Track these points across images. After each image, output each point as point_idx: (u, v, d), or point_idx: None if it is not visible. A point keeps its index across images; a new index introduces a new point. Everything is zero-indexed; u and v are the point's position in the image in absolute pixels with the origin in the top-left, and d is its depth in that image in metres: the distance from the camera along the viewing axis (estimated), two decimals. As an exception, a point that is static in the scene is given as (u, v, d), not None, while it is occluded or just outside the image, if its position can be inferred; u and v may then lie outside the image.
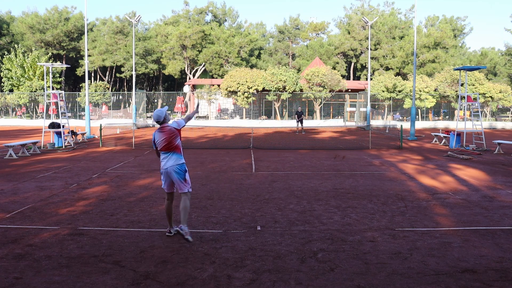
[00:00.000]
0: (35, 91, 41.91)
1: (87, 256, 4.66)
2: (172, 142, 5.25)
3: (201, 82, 43.42)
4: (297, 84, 35.49)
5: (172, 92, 55.01)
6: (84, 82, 30.69)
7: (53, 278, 4.09)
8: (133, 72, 34.12)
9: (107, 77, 58.85)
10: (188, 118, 5.64)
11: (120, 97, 47.48)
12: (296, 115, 26.81)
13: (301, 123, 26.23)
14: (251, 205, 7.04)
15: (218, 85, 37.63)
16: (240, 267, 4.37)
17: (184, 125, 5.45)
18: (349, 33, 56.23)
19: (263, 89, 35.81)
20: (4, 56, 45.08)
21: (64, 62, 54.28)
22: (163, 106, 44.08)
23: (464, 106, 17.27)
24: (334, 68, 50.46)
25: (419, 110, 38.26)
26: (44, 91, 34.49)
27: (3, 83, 45.93)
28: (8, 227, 5.76)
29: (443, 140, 18.66)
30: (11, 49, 46.63)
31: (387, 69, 54.02)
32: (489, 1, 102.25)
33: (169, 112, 49.12)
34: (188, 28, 50.84)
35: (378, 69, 54.09)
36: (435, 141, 19.55)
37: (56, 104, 18.45)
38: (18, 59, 43.69)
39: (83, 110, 39.62)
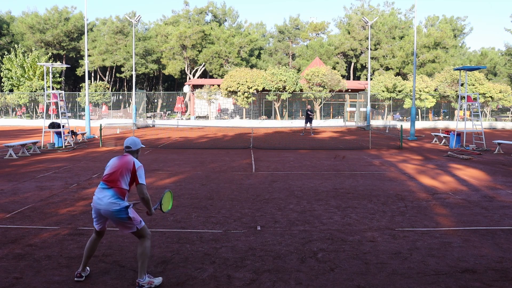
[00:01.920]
0: (35, 91, 41.91)
1: (87, 256, 4.65)
2: (115, 176, 4.00)
3: (201, 82, 43.43)
4: (297, 84, 35.49)
5: (172, 92, 55.03)
6: (84, 82, 30.68)
7: (53, 278, 4.09)
8: (133, 72, 34.12)
9: (107, 77, 58.86)
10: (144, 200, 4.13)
11: (120, 97, 47.48)
12: (307, 112, 24.87)
13: (310, 122, 24.89)
14: (251, 205, 7.04)
15: (218, 85, 37.63)
16: (240, 267, 4.37)
17: (144, 179, 4.15)
18: (349, 33, 56.24)
19: (263, 89, 35.81)
20: (4, 56, 45.07)
21: (64, 62, 54.29)
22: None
23: (464, 106, 17.27)
24: (334, 68, 50.46)
25: (419, 110, 38.25)
26: (44, 91, 34.49)
27: (3, 83, 45.93)
28: (8, 227, 5.76)
29: (443, 140, 18.65)
30: (11, 49, 46.62)
31: (387, 69, 54.02)
32: (489, 1, 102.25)
33: (169, 112, 49.17)
34: (188, 28, 50.84)
35: (378, 69, 54.09)
36: (435, 141, 19.55)
37: (56, 104, 18.45)
38: (18, 59, 43.69)
39: (83, 110, 39.62)
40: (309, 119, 24.97)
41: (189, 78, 52.74)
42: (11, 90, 45.71)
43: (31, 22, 52.62)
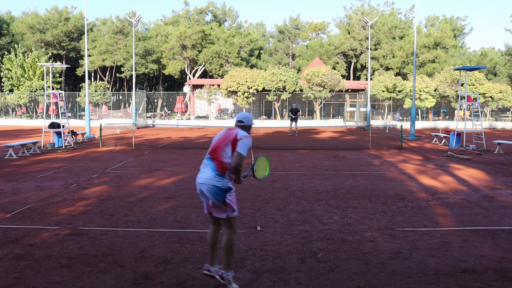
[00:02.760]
0: (35, 91, 41.91)
1: (87, 256, 4.66)
2: (218, 149, 3.82)
3: (201, 82, 43.42)
4: (297, 84, 35.49)
5: (172, 92, 55.03)
6: (84, 82, 30.68)
7: (53, 278, 4.09)
8: (133, 72, 34.12)
9: (107, 77, 58.86)
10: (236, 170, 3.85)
11: (120, 97, 47.48)
12: (290, 112, 23.97)
13: (296, 121, 23.82)
14: (251, 205, 7.04)
15: (218, 85, 37.63)
16: (240, 267, 4.37)
17: (244, 150, 3.81)
18: (349, 33, 56.24)
19: (263, 89, 35.81)
20: (4, 56, 45.08)
21: (64, 62, 54.29)
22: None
23: (464, 106, 17.27)
24: (334, 68, 50.46)
25: (419, 110, 38.25)
26: (44, 91, 34.49)
27: (3, 83, 45.94)
28: (8, 227, 5.76)
29: (443, 140, 18.65)
30: (11, 49, 46.63)
31: (387, 69, 54.02)
32: (489, 1, 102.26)
33: (169, 112, 49.18)
34: (188, 28, 50.85)
35: (378, 69, 54.10)
36: (435, 141, 19.54)
37: (56, 104, 18.45)
38: (18, 59, 43.70)
39: (83, 110, 39.62)
40: (293, 119, 23.79)
41: (189, 78, 52.74)
42: (11, 90, 45.71)
43: (31, 22, 52.63)
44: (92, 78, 56.96)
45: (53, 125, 16.85)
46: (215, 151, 3.80)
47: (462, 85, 29.39)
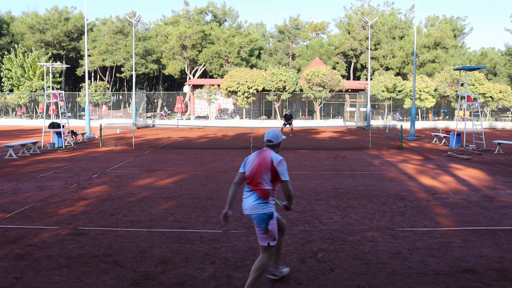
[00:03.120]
0: (35, 91, 41.91)
1: (87, 256, 4.66)
2: (256, 177, 3.75)
3: (201, 82, 43.43)
4: (297, 84, 35.49)
5: (172, 92, 55.02)
6: (84, 82, 30.69)
7: (53, 278, 4.09)
8: (133, 72, 34.12)
9: (107, 77, 58.87)
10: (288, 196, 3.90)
11: (120, 97, 47.49)
12: (284, 118, 24.13)
13: (290, 125, 23.82)
14: (251, 205, 7.03)
15: (218, 85, 37.63)
16: (240, 267, 4.37)
17: (287, 174, 3.81)
18: (349, 33, 56.24)
19: (263, 89, 35.81)
20: (4, 56, 45.08)
21: (64, 62, 54.30)
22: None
23: (464, 106, 17.27)
24: (334, 68, 50.48)
25: (419, 110, 38.26)
26: (44, 91, 34.49)
27: (3, 83, 45.94)
28: (8, 227, 5.76)
29: (443, 140, 18.65)
30: (11, 49, 46.64)
31: (387, 69, 54.03)
32: (489, 1, 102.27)
33: (169, 112, 49.18)
34: (188, 28, 50.85)
35: (378, 69, 54.10)
36: (435, 141, 19.55)
37: (56, 104, 18.45)
38: (18, 59, 43.70)
39: (83, 110, 39.63)
40: (289, 122, 23.73)
41: (189, 78, 52.74)
42: (11, 90, 45.72)
43: (31, 22, 52.63)
44: (92, 78, 56.96)
45: (53, 125, 16.85)
46: (254, 181, 3.75)
47: (462, 85, 29.39)
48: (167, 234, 5.46)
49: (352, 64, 59.30)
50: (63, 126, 16.63)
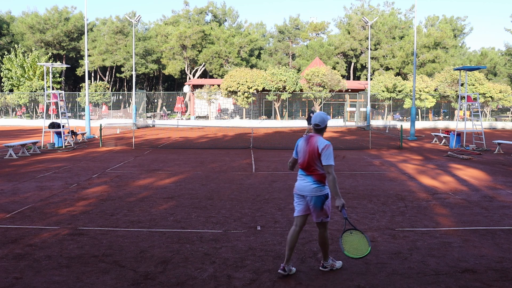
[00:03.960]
0: (35, 91, 41.91)
1: (87, 256, 4.66)
2: (309, 163, 4.14)
3: (201, 82, 43.43)
4: (297, 84, 35.49)
5: (172, 92, 55.04)
6: (84, 82, 30.69)
7: (53, 278, 4.09)
8: (133, 72, 34.12)
9: (107, 77, 58.87)
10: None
11: (120, 97, 47.49)
12: (307, 119, 23.62)
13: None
14: (251, 205, 7.04)
15: (218, 85, 37.63)
16: (240, 267, 4.37)
17: (331, 159, 4.04)
18: (349, 33, 56.24)
19: (263, 89, 35.81)
20: (4, 56, 45.08)
21: (64, 62, 54.29)
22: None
23: (464, 106, 17.27)
24: (334, 68, 50.46)
25: (419, 110, 38.25)
26: (44, 91, 34.49)
27: (3, 83, 45.93)
28: (8, 227, 5.76)
29: (443, 140, 18.65)
30: (11, 49, 46.63)
31: (387, 69, 54.02)
32: (489, 1, 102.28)
33: (169, 112, 49.18)
34: (188, 28, 50.86)
35: (378, 69, 54.10)
36: (435, 141, 19.55)
37: (56, 104, 18.45)
38: (18, 59, 43.70)
39: (83, 110, 39.63)
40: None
41: (189, 78, 52.74)
42: (11, 90, 45.72)
43: (31, 22, 52.62)
44: (92, 78, 56.96)
45: (53, 125, 16.85)
46: (309, 167, 4.15)
47: (462, 85, 29.39)
48: (167, 234, 5.46)
49: (352, 64, 59.30)
50: (63, 126, 16.63)
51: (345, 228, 4.14)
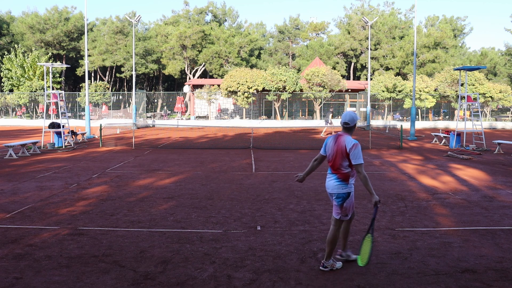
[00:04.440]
0: (35, 91, 41.91)
1: (87, 256, 4.66)
2: (335, 162, 4.26)
3: (201, 82, 43.43)
4: (297, 84, 35.49)
5: (172, 92, 55.03)
6: (84, 82, 30.69)
7: (53, 278, 4.09)
8: (133, 72, 34.12)
9: (107, 77, 58.86)
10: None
11: (120, 97, 47.48)
12: (325, 117, 23.40)
13: (330, 124, 22.90)
14: (251, 205, 7.04)
15: (218, 85, 37.63)
16: (240, 267, 4.37)
17: (360, 158, 4.15)
18: (349, 33, 56.23)
19: (263, 89, 35.81)
20: (4, 56, 45.07)
21: (64, 62, 54.29)
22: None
23: (464, 106, 17.27)
24: (334, 68, 50.45)
25: (419, 110, 38.25)
26: (44, 91, 34.49)
27: (3, 83, 45.93)
28: (8, 227, 5.76)
29: (443, 140, 18.65)
30: (11, 49, 46.62)
31: (387, 69, 54.02)
32: (489, 1, 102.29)
33: (169, 112, 49.17)
34: (188, 28, 50.85)
35: (378, 69, 54.09)
36: (435, 141, 19.54)
37: (56, 104, 18.45)
38: (18, 59, 43.69)
39: (83, 110, 39.62)
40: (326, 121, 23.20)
41: (189, 78, 52.74)
42: (11, 90, 45.71)
43: (31, 22, 52.62)
44: (92, 78, 56.95)
45: (53, 125, 16.85)
46: (335, 165, 4.28)
47: (462, 85, 29.39)
48: (167, 234, 5.46)
49: (352, 64, 59.30)
50: (63, 126, 16.63)
51: (370, 228, 4.19)
